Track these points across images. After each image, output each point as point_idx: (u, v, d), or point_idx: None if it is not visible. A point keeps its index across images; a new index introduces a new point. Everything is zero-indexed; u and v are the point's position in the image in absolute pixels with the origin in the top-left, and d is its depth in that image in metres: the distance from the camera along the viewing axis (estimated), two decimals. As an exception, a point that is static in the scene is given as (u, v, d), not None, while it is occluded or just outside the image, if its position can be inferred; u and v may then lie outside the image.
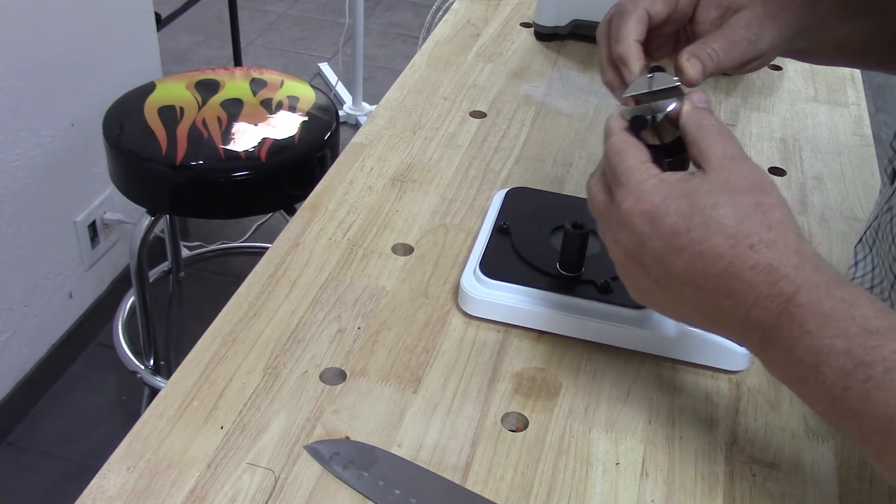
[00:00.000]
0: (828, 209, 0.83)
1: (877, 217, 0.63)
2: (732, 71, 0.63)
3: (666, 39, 0.67)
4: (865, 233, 0.65)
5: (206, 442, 0.56)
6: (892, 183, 0.62)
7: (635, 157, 0.53)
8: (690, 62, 0.60)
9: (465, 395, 0.61)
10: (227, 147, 1.35)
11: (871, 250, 0.63)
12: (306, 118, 1.42)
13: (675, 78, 0.57)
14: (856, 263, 0.65)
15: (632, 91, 0.58)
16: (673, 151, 0.56)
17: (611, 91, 0.65)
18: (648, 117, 0.55)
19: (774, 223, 0.49)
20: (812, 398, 0.48)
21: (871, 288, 0.61)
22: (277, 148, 1.35)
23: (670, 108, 0.55)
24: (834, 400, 0.46)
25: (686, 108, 0.54)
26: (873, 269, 0.62)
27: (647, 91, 0.57)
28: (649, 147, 0.55)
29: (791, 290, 0.47)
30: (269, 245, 0.74)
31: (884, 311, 0.46)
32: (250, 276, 0.70)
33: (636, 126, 0.55)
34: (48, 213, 1.69)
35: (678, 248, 0.49)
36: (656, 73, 0.57)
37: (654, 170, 0.52)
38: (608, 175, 0.54)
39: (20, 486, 1.65)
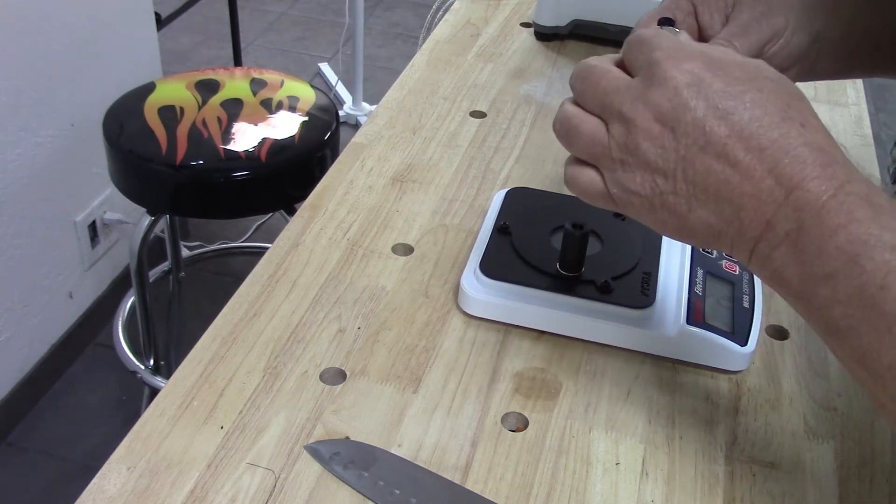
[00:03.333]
0: (828, 209, 0.83)
1: None
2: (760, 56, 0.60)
3: None
4: None
5: (206, 442, 0.56)
6: (893, 182, 0.62)
7: (671, 35, 0.49)
8: None
9: (465, 395, 0.61)
10: (227, 147, 1.35)
11: None
12: (306, 118, 1.42)
13: (681, 31, 0.56)
14: None
15: None
16: None
17: None
18: None
19: (815, 115, 0.46)
20: (833, 298, 0.43)
21: None
22: (277, 148, 1.35)
23: None
24: (863, 298, 0.42)
25: None
26: None
27: None
28: None
29: (844, 176, 0.44)
30: (269, 245, 0.74)
31: None
32: (250, 276, 0.70)
33: None
34: (48, 213, 1.69)
35: (727, 110, 0.45)
36: (665, 27, 0.56)
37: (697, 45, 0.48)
38: (635, 51, 0.49)
39: (20, 486, 1.65)
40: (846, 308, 0.43)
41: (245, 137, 1.37)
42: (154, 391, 1.64)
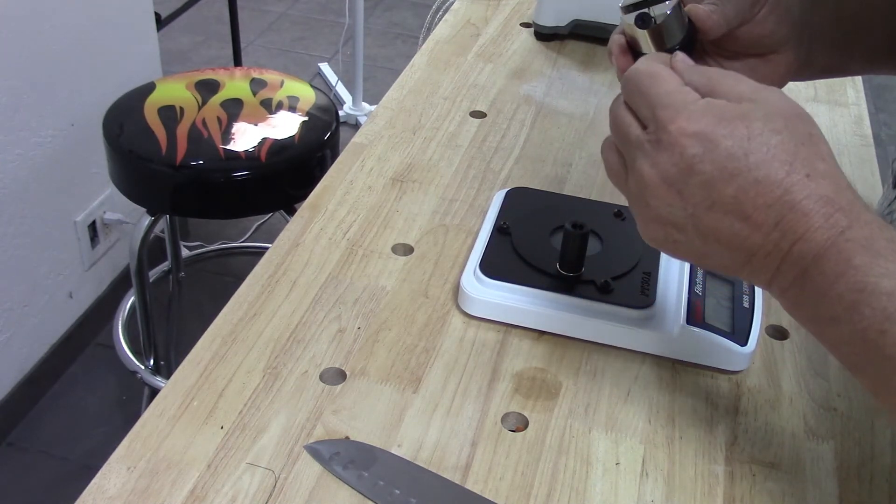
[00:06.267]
0: (828, 209, 0.83)
1: None
2: (748, 32, 0.60)
3: None
4: None
5: (206, 442, 0.56)
6: (894, 187, 0.62)
7: (671, 79, 0.50)
8: (695, 9, 0.58)
9: (465, 395, 0.61)
10: (227, 147, 1.35)
11: None
12: (306, 118, 1.42)
13: (676, 53, 0.55)
14: None
15: None
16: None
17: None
18: (653, 16, 0.54)
19: (826, 156, 0.47)
20: (840, 339, 0.46)
21: None
22: (277, 148, 1.35)
23: (669, 11, 0.54)
24: (866, 342, 0.44)
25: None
26: None
27: None
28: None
29: (845, 223, 0.45)
30: (269, 245, 0.74)
31: None
32: (250, 276, 0.70)
33: (641, 22, 0.54)
34: (48, 213, 1.69)
35: (732, 173, 0.46)
36: (662, 51, 0.56)
37: (696, 94, 0.49)
38: (638, 101, 0.51)
39: (20, 486, 1.65)
40: (852, 348, 0.45)
41: (245, 137, 1.37)
42: (154, 391, 1.64)
